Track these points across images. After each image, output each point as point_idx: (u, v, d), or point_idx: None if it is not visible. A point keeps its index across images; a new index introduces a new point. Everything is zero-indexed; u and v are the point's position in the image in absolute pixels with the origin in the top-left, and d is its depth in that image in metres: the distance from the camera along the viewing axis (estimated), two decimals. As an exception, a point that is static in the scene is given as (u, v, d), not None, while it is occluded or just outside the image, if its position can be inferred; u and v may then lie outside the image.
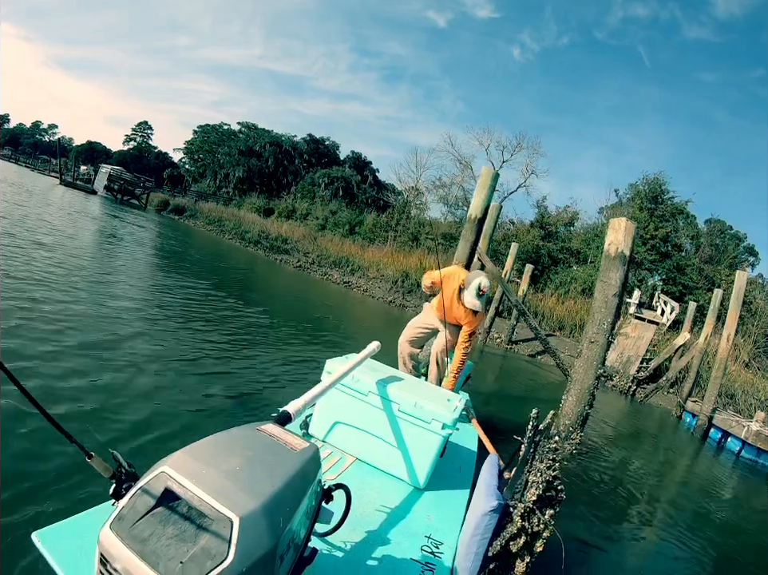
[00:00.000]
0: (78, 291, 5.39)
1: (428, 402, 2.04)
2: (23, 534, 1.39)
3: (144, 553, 0.75)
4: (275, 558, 0.83)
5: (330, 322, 8.99)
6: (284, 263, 19.03)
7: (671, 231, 21.19)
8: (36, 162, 47.79)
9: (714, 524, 4.46)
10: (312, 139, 43.94)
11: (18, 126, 68.56)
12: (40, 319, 3.98)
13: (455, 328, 3.28)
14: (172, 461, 0.86)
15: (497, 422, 5.01)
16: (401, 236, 25.07)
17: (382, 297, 15.66)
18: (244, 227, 24.70)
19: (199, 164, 44.08)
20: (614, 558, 3.19)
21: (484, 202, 4.54)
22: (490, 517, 1.39)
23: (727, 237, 24.57)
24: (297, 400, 1.38)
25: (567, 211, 25.54)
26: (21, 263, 5.80)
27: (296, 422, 1.74)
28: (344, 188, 35.53)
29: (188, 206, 31.72)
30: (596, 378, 3.83)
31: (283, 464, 0.97)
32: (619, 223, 3.99)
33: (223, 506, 0.79)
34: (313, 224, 28.00)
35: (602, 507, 3.88)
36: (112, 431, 2.60)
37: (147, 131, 56.53)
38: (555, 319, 15.30)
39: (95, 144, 58.23)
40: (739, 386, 11.43)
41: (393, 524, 1.73)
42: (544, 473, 1.38)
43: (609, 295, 3.85)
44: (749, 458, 7.82)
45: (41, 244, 7.45)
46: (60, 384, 2.94)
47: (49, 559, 1.12)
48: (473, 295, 2.99)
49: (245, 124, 45.95)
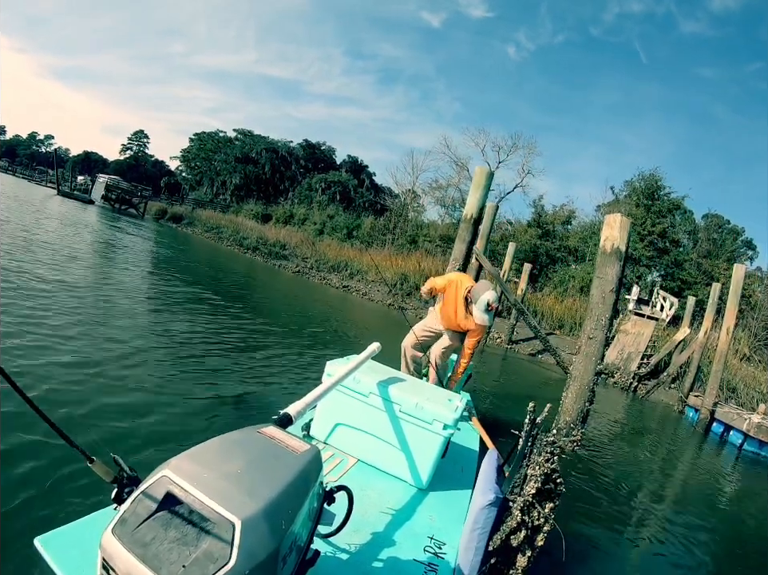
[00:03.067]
0: (78, 298, 5.39)
1: (429, 402, 2.05)
2: (25, 539, 1.39)
3: (147, 557, 0.75)
4: (277, 561, 0.83)
5: (330, 325, 8.99)
6: (283, 268, 19.04)
7: (668, 226, 21.20)
8: (33, 173, 47.73)
9: (716, 517, 4.46)
10: (308, 144, 44.04)
11: (15, 138, 68.59)
12: (39, 324, 3.97)
13: (458, 334, 3.30)
14: (173, 464, 0.86)
15: (499, 421, 5.00)
16: (398, 239, 25.11)
17: (381, 300, 15.66)
18: (242, 233, 24.75)
19: (196, 171, 44.11)
20: (616, 552, 3.18)
21: (479, 201, 4.55)
22: (489, 511, 1.40)
23: (725, 232, 24.61)
24: (298, 402, 1.38)
25: (564, 209, 25.61)
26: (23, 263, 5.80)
27: (297, 424, 1.74)
28: (341, 192, 35.58)
29: (185, 214, 31.77)
30: (596, 374, 3.83)
31: (285, 466, 0.97)
32: (614, 218, 4.00)
33: (224, 509, 0.79)
34: (311, 229, 28.03)
35: (605, 502, 3.88)
36: (113, 435, 2.60)
37: (143, 140, 56.61)
38: (554, 317, 15.31)
39: (92, 154, 58.31)
40: (740, 379, 11.43)
41: (395, 525, 1.72)
42: (542, 467, 1.39)
43: (606, 290, 3.86)
44: (751, 450, 7.82)
45: (37, 250, 7.46)
46: (59, 388, 2.94)
47: (52, 564, 1.12)
48: (482, 310, 3.00)
49: (241, 131, 46.04)
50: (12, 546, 1.65)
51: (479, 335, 3.22)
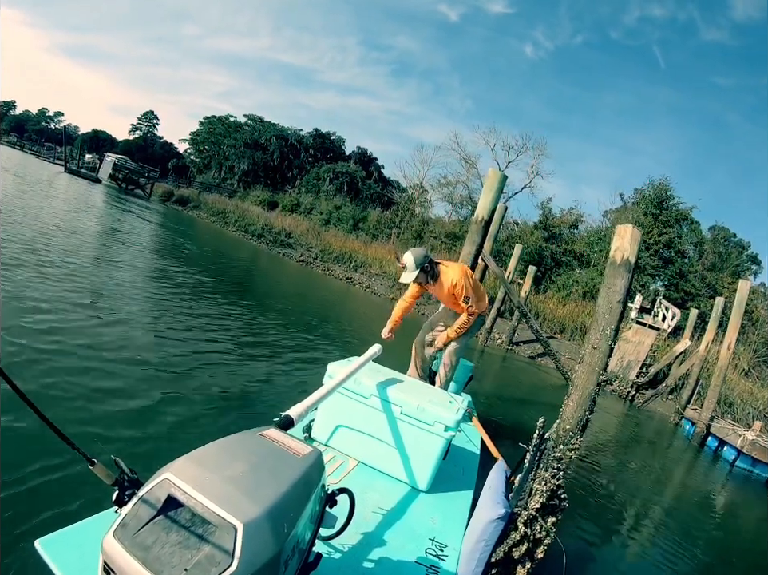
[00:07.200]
0: (77, 285, 5.39)
1: (430, 404, 2.04)
2: (26, 542, 1.39)
3: (148, 560, 0.74)
4: (279, 564, 0.83)
5: (332, 320, 8.99)
6: (287, 257, 19.03)
7: (674, 237, 21.11)
8: (41, 149, 47.71)
9: (707, 533, 4.47)
10: (318, 133, 43.84)
11: (24, 113, 68.43)
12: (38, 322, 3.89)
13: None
14: (174, 467, 0.86)
15: (499, 423, 5.01)
16: (404, 233, 25.06)
17: (384, 294, 15.65)
18: (248, 219, 24.71)
19: (205, 155, 44.02)
20: (611, 565, 3.19)
21: (491, 204, 4.50)
22: (496, 525, 1.39)
23: (731, 245, 24.49)
24: (299, 404, 1.37)
25: (571, 213, 25.52)
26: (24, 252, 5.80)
27: (298, 426, 1.74)
28: (349, 183, 35.45)
29: (192, 197, 31.73)
30: (598, 384, 3.81)
31: (286, 469, 0.96)
32: (626, 230, 3.94)
33: (226, 513, 0.79)
34: (317, 218, 27.98)
35: (599, 513, 3.89)
36: (114, 437, 2.57)
37: (153, 121, 56.42)
38: (556, 321, 15.29)
39: (100, 133, 58.11)
40: (738, 394, 11.43)
41: (396, 527, 1.73)
42: (549, 482, 1.38)
43: (613, 301, 3.82)
44: (743, 467, 7.80)
45: (41, 233, 7.47)
46: (59, 390, 2.89)
47: (53, 567, 1.11)
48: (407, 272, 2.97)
49: (251, 117, 45.82)
50: (13, 549, 1.64)
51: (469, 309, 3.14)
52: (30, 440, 2.22)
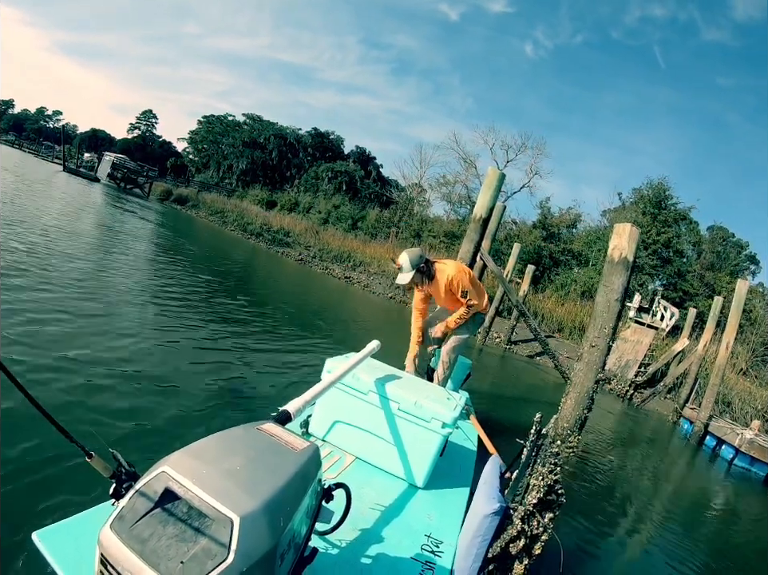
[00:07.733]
0: (77, 282, 5.38)
1: (428, 401, 2.04)
2: (23, 534, 1.38)
3: (145, 553, 0.75)
4: (275, 558, 0.83)
5: (331, 318, 8.99)
6: (286, 256, 19.01)
7: (672, 236, 21.15)
8: (40, 148, 47.52)
9: (704, 531, 4.50)
10: (317, 132, 43.81)
11: (23, 112, 68.23)
12: (39, 320, 3.91)
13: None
14: (172, 461, 0.86)
15: (496, 421, 5.01)
16: (403, 233, 25.06)
17: (383, 293, 15.65)
18: (247, 218, 24.70)
19: (203, 154, 43.94)
20: (608, 563, 3.20)
21: (489, 202, 4.51)
22: (492, 520, 1.40)
23: (729, 245, 24.53)
24: (297, 399, 1.38)
25: (570, 213, 25.55)
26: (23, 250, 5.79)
27: (296, 421, 1.74)
28: (347, 182, 35.44)
29: (190, 196, 31.68)
30: (596, 382, 3.83)
31: (283, 463, 0.97)
32: (624, 228, 3.97)
33: (223, 506, 0.79)
34: (315, 217, 27.98)
35: (597, 511, 3.89)
36: (111, 430, 2.57)
37: (151, 119, 56.32)
38: (554, 320, 15.31)
39: (99, 132, 58.01)
40: (736, 394, 11.45)
41: (393, 523, 1.73)
42: (546, 478, 1.38)
43: (611, 299, 3.84)
44: (742, 466, 7.82)
45: (40, 233, 7.45)
46: (58, 383, 2.89)
47: (50, 559, 1.11)
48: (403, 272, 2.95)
49: (250, 116, 45.77)
50: (10, 541, 1.64)
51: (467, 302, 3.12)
52: (28, 433, 2.22)
